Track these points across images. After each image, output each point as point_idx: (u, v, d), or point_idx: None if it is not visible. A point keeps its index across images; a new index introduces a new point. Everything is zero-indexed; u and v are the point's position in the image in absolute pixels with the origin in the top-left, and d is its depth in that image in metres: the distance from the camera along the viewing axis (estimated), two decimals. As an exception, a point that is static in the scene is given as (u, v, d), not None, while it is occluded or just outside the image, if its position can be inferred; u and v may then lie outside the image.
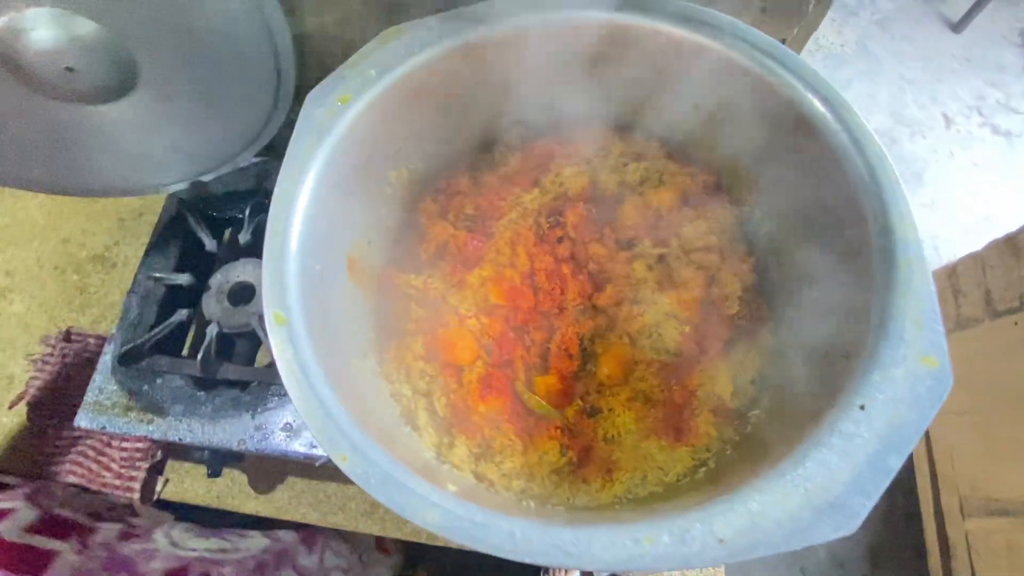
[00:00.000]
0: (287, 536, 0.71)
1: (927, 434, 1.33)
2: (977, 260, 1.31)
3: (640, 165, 0.53)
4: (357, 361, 0.45)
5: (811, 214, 0.43)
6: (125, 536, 0.56)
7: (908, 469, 1.37)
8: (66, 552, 0.48)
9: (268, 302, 0.35)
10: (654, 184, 0.52)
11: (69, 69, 0.49)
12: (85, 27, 0.47)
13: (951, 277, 1.39)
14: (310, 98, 0.42)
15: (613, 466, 0.46)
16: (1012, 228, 1.26)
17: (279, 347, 0.34)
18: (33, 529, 0.50)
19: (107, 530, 0.56)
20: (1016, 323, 1.16)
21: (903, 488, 1.36)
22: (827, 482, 0.28)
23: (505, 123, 0.55)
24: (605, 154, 0.54)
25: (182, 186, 0.68)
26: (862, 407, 0.30)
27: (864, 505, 0.27)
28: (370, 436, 0.33)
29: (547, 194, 0.52)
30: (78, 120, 0.55)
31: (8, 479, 0.64)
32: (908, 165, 1.73)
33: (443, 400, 0.47)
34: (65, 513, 0.56)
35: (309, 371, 0.34)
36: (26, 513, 0.53)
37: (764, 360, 0.48)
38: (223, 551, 0.62)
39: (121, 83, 0.52)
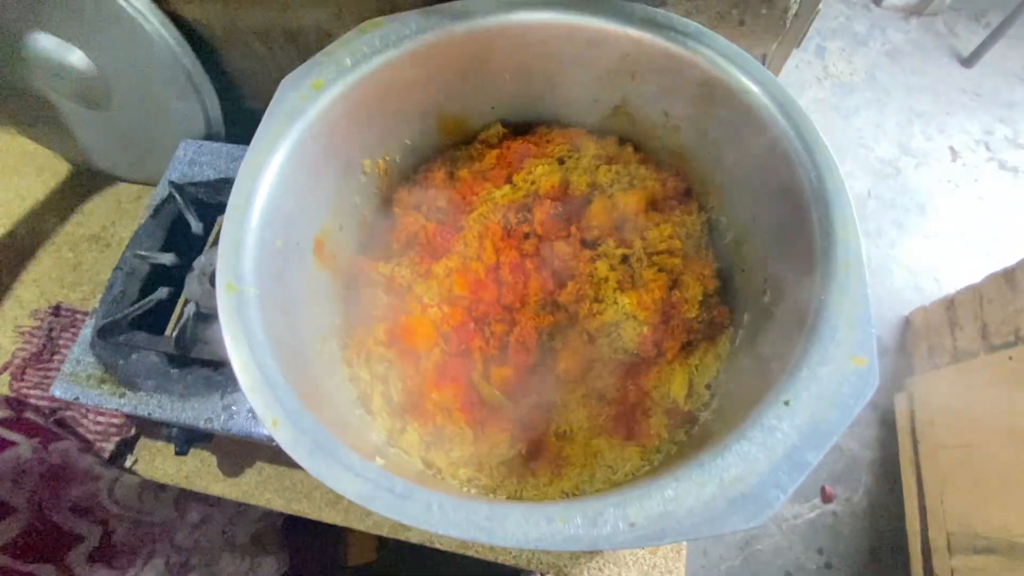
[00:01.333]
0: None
1: (918, 466, 1.30)
2: (975, 293, 1.29)
3: (612, 168, 0.53)
4: (317, 344, 0.46)
5: (768, 220, 0.43)
6: (84, 451, 0.58)
7: (899, 501, 1.34)
8: (23, 445, 0.51)
9: (221, 270, 0.36)
10: (624, 186, 0.53)
11: (56, 75, 0.71)
12: (76, 55, 0.70)
13: (949, 310, 1.37)
14: (284, 82, 0.44)
15: (563, 462, 0.46)
16: (1012, 262, 1.25)
17: (226, 314, 0.35)
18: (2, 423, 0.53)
19: (69, 442, 0.58)
20: (1011, 358, 1.15)
21: (893, 521, 1.33)
22: (743, 473, 0.28)
23: (486, 119, 0.56)
24: (579, 155, 0.55)
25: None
26: (787, 403, 0.30)
27: (778, 497, 0.27)
28: (308, 409, 0.33)
29: (518, 191, 0.53)
30: (80, 115, 0.78)
31: None
32: (912, 196, 1.72)
33: (399, 385, 0.47)
34: (35, 418, 0.59)
35: (255, 340, 0.34)
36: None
37: (721, 365, 0.48)
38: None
39: (97, 96, 0.74)
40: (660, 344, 0.48)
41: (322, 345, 0.47)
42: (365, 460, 0.31)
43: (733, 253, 0.50)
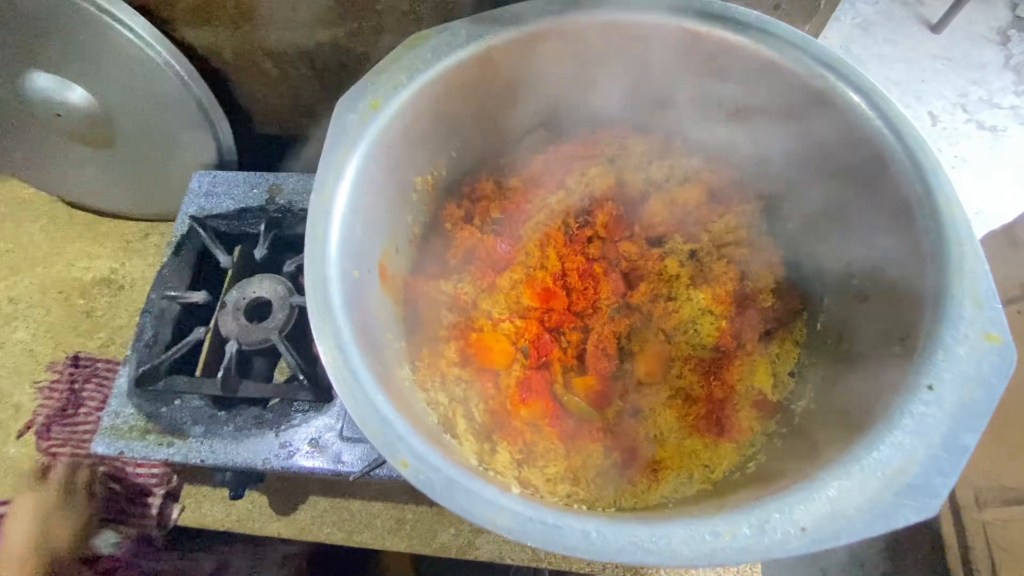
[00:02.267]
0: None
1: (937, 426, 1.33)
2: (975, 252, 1.32)
3: (664, 163, 0.53)
4: (398, 370, 0.44)
5: (847, 204, 0.43)
6: None
7: (920, 463, 1.37)
8: None
9: (313, 307, 0.34)
10: (679, 181, 0.52)
11: (57, 115, 0.67)
12: (76, 92, 0.66)
13: (950, 270, 1.40)
14: (341, 104, 0.42)
15: (658, 466, 0.45)
16: (1005, 220, 1.28)
17: (328, 353, 0.33)
18: None
19: None
20: (1019, 312, 1.18)
21: (916, 482, 1.36)
22: (904, 464, 0.28)
23: (528, 125, 0.55)
24: (627, 153, 0.54)
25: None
26: (930, 387, 0.29)
27: (945, 484, 0.27)
28: (427, 441, 0.32)
29: (573, 195, 0.52)
30: (84, 154, 0.74)
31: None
32: (898, 163, 1.75)
33: (481, 406, 0.46)
34: None
35: (360, 377, 0.33)
36: None
37: (801, 351, 0.47)
38: None
39: (102, 134, 0.71)
40: (739, 336, 0.48)
41: (400, 371, 0.45)
42: (504, 491, 0.30)
43: (799, 237, 0.49)
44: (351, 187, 0.40)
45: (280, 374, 0.70)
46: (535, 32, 0.45)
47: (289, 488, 0.68)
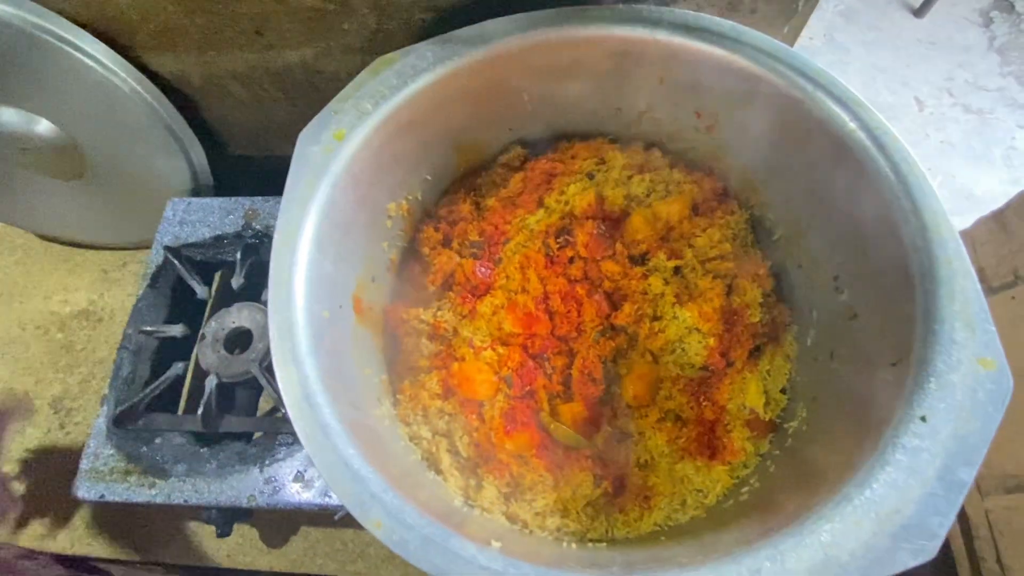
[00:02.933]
0: None
1: (936, 416, 1.32)
2: (967, 238, 1.31)
3: (645, 177, 0.51)
4: (374, 408, 0.43)
5: (832, 216, 0.42)
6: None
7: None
8: None
9: (279, 361, 0.33)
10: (661, 195, 0.51)
11: (23, 149, 0.65)
12: (42, 124, 0.64)
13: (943, 257, 1.39)
14: (302, 137, 0.40)
15: (650, 492, 0.44)
16: (995, 205, 1.28)
17: (294, 406, 0.31)
18: None
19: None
20: (1013, 297, 1.17)
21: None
22: (898, 503, 0.26)
23: (502, 143, 0.53)
24: (607, 168, 0.52)
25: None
26: (923, 418, 0.28)
27: (942, 525, 0.26)
28: (400, 494, 0.30)
29: (553, 214, 0.51)
30: (54, 187, 0.71)
31: None
32: (887, 150, 1.74)
33: (465, 439, 0.44)
34: None
35: (331, 431, 0.31)
36: None
37: (792, 367, 0.46)
38: None
39: (71, 165, 0.69)
40: (728, 354, 0.46)
41: (379, 409, 0.44)
42: (484, 548, 0.28)
43: (784, 249, 0.48)
44: (317, 222, 0.38)
45: (267, 402, 0.68)
46: (503, 50, 0.44)
47: (280, 520, 0.67)
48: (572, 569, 0.27)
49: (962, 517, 1.25)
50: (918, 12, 1.96)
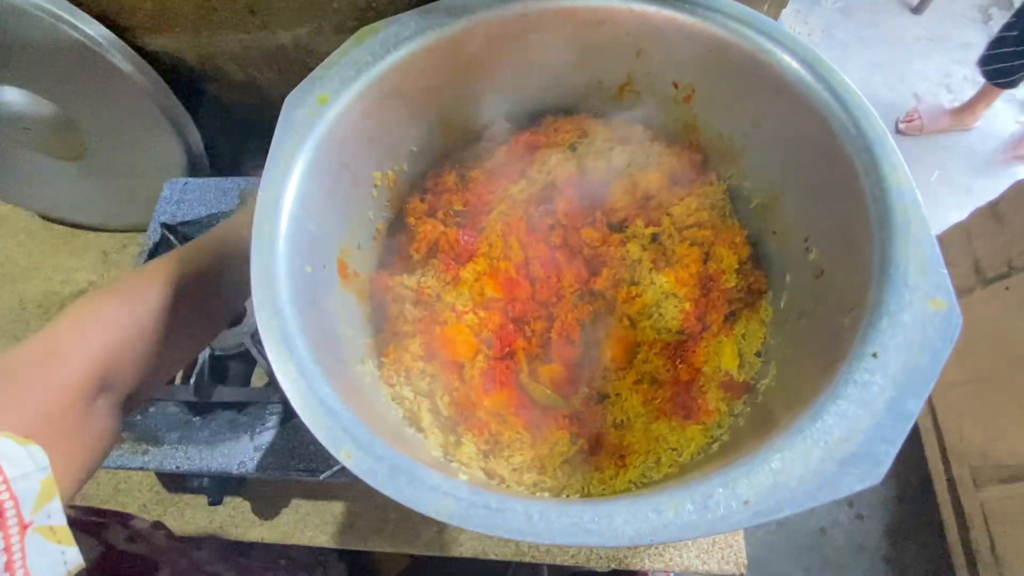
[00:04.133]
0: None
1: (932, 407, 1.33)
2: (963, 230, 1.32)
3: (625, 148, 0.52)
4: (357, 366, 0.44)
5: (802, 178, 0.43)
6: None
7: (918, 445, 1.36)
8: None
9: (259, 305, 0.34)
10: (641, 165, 0.52)
11: (25, 128, 0.67)
12: (43, 104, 0.66)
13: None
14: (289, 100, 0.42)
15: (625, 451, 0.45)
16: (990, 198, 1.28)
17: (273, 347, 0.33)
18: None
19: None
20: (1007, 288, 1.17)
21: (915, 465, 1.35)
22: (848, 432, 0.27)
23: (489, 116, 0.55)
24: (589, 141, 0.53)
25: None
26: (874, 355, 0.29)
27: (888, 452, 0.27)
28: (376, 433, 0.31)
29: (535, 184, 0.52)
30: (55, 168, 0.74)
31: None
32: (885, 145, 1.75)
33: (446, 399, 0.46)
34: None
35: (306, 370, 0.32)
36: None
37: (767, 331, 0.47)
38: None
39: (71, 145, 0.71)
40: (704, 318, 0.47)
41: (362, 367, 0.45)
42: (449, 478, 0.29)
43: (761, 217, 0.49)
44: (300, 182, 0.40)
45: (260, 379, 0.70)
46: (483, 21, 0.45)
47: (271, 492, 0.68)
48: (532, 499, 0.28)
49: (957, 509, 1.25)
50: (916, 8, 1.97)
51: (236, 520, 0.67)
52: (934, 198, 1.68)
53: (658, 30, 0.45)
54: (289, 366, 0.32)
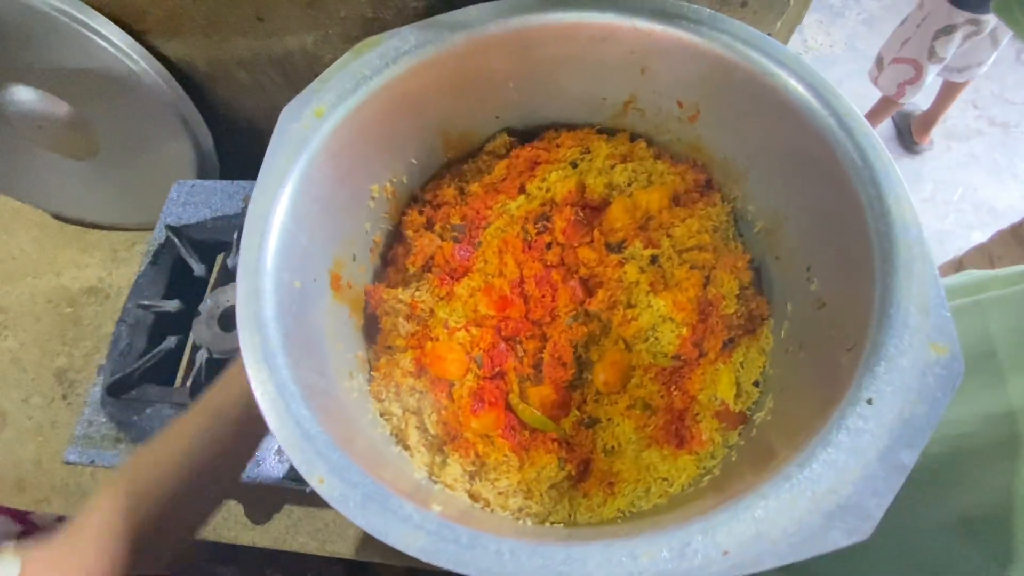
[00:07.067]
0: None
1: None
2: (983, 252, 1.28)
3: (628, 166, 0.51)
4: (344, 381, 0.44)
5: (805, 205, 0.41)
6: None
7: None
8: None
9: (242, 322, 0.34)
10: (643, 184, 0.51)
11: (39, 127, 0.68)
12: (57, 104, 0.67)
13: (958, 270, 1.36)
14: (285, 112, 0.41)
15: (615, 479, 0.44)
16: (1015, 218, 1.24)
17: (253, 366, 0.32)
18: None
19: None
20: (1030, 314, 1.13)
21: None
22: (836, 483, 0.26)
23: (490, 129, 0.54)
24: (591, 157, 0.53)
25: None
26: (869, 401, 0.28)
27: (878, 505, 0.25)
28: (352, 458, 0.31)
29: (534, 200, 0.51)
30: (66, 167, 0.75)
31: None
32: (907, 163, 1.71)
33: (434, 417, 0.45)
34: None
35: (285, 390, 0.32)
36: None
37: (767, 360, 0.46)
38: None
39: (83, 145, 0.72)
40: (701, 344, 0.46)
41: (350, 382, 0.44)
42: (422, 509, 0.29)
43: (764, 242, 0.48)
44: (293, 195, 0.39)
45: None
46: (484, 36, 0.45)
47: (263, 498, 0.68)
48: (508, 535, 0.27)
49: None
50: (943, 22, 1.91)
51: (228, 523, 0.68)
52: (955, 218, 1.63)
53: (663, 49, 0.44)
54: (268, 385, 0.32)
